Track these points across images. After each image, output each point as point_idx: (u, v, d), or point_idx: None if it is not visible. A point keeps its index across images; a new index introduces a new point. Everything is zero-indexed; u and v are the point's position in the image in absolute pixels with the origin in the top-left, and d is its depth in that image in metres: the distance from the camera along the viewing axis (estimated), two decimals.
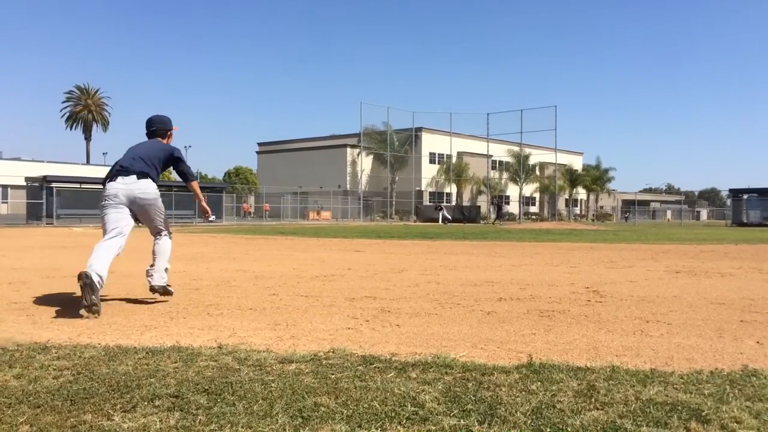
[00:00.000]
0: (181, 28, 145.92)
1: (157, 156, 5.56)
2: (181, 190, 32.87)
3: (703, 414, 2.63)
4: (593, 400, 2.82)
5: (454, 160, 59.92)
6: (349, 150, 61.31)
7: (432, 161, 61.66)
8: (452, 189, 61.55)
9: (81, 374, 3.16)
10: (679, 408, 2.70)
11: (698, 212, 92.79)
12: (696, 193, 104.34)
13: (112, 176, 5.38)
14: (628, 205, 71.87)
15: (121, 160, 5.48)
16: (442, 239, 19.13)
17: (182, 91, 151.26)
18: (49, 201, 29.46)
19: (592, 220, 61.64)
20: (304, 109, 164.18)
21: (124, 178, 5.32)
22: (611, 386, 3.03)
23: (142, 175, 5.36)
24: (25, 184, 33.47)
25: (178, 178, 5.99)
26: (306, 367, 3.36)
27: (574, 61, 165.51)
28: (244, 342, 4.00)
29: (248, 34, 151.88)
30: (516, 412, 2.65)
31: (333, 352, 3.72)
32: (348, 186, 59.29)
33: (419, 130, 57.64)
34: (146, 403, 2.73)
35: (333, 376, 3.17)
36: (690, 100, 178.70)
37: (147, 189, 5.39)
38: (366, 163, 57.44)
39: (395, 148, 55.55)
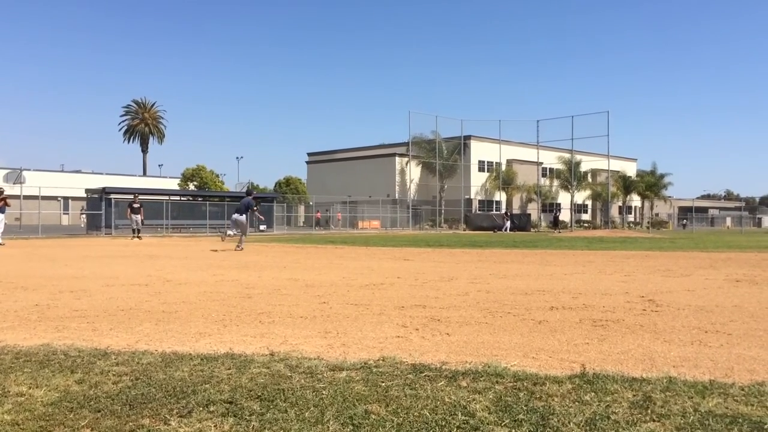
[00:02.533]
0: (231, 41, 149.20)
1: (246, 205, 17.34)
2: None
3: (765, 427, 2.54)
4: (649, 411, 2.75)
5: (503, 167, 59.32)
6: (397, 159, 61.29)
7: (481, 169, 61.10)
8: (501, 197, 60.90)
9: (139, 380, 3.27)
10: (740, 421, 2.62)
11: (759, 219, 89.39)
12: (757, 200, 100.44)
13: (239, 211, 17.30)
14: (685, 212, 69.76)
15: (239, 207, 17.42)
16: (491, 248, 18.97)
17: (234, 102, 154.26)
18: (108, 212, 30.40)
19: (647, 228, 60.03)
20: (352, 118, 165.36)
21: (239, 215, 17.29)
22: (668, 397, 2.95)
23: (243, 215, 17.32)
24: (85, 195, 34.67)
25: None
26: (356, 374, 3.39)
27: (627, 64, 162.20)
28: (296, 349, 4.06)
29: (296, 45, 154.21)
30: (569, 422, 2.61)
31: (383, 360, 3.74)
32: (397, 195, 59.25)
33: (468, 138, 57.25)
34: (201, 408, 2.80)
35: (383, 384, 3.18)
36: (750, 103, 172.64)
37: (242, 219, 17.23)
38: (415, 171, 57.42)
39: (444, 157, 55.38)
